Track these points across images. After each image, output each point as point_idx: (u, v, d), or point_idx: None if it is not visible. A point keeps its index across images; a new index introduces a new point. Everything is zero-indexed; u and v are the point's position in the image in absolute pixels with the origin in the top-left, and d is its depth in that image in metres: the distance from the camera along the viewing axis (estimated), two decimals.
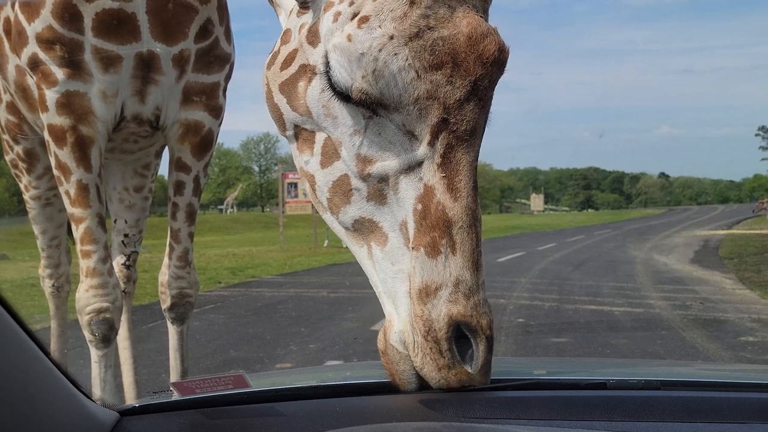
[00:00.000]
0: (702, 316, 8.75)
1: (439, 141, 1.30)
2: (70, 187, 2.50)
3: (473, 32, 1.28)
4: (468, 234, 1.30)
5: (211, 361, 6.36)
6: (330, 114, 1.39)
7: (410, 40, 1.26)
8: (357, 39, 1.29)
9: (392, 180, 1.35)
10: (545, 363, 2.17)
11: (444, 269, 1.29)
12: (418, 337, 1.28)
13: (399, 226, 1.36)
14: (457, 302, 1.27)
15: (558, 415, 1.21)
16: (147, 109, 2.59)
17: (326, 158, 1.43)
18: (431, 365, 1.28)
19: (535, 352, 6.74)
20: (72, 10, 2.36)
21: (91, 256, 2.55)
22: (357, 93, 1.30)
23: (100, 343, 2.58)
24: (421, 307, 1.28)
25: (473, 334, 1.28)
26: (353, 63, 1.29)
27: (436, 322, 1.27)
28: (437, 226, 1.29)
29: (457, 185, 1.30)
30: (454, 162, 1.31)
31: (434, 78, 1.27)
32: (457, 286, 1.28)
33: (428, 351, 1.27)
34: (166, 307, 2.94)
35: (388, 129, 1.34)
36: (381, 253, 1.38)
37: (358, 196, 1.39)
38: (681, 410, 1.22)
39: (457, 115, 1.29)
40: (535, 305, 9.59)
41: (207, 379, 1.25)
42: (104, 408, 1.11)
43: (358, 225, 1.42)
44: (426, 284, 1.29)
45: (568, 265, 16.27)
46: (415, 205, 1.33)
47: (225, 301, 10.40)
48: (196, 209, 2.88)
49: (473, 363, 1.28)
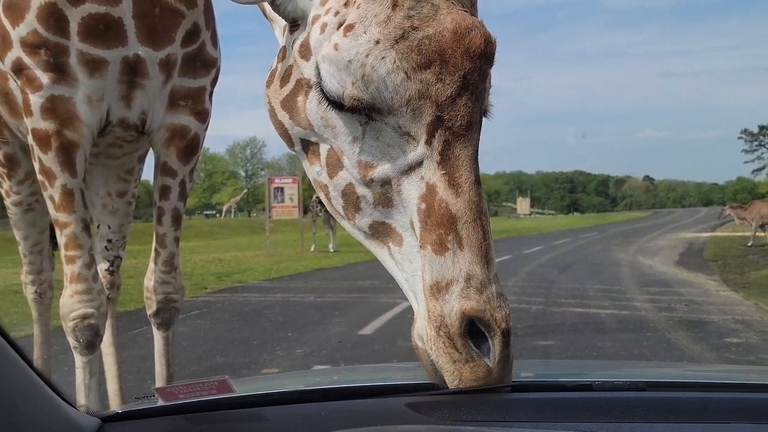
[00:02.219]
0: (687, 318, 8.82)
1: (436, 139, 1.31)
2: (55, 192, 2.48)
3: (458, 27, 1.29)
4: (474, 228, 1.31)
5: (197, 366, 6.31)
6: (329, 124, 1.41)
7: (396, 43, 1.27)
8: (343, 47, 1.31)
9: (395, 182, 1.37)
10: (532, 365, 2.18)
11: (453, 265, 1.29)
12: (431, 332, 1.30)
13: (410, 226, 1.37)
14: (469, 297, 1.27)
15: (544, 417, 1.21)
16: (133, 114, 2.58)
17: (331, 169, 1.45)
18: (445, 359, 1.28)
19: (521, 355, 6.75)
20: (58, 14, 2.34)
21: (76, 261, 2.53)
22: (349, 100, 1.31)
23: (85, 349, 2.56)
24: (434, 303, 1.29)
25: (487, 328, 1.28)
26: (342, 71, 1.31)
27: (448, 318, 1.27)
28: (442, 223, 1.30)
29: (458, 180, 1.31)
30: (453, 158, 1.32)
31: (424, 77, 1.28)
32: (469, 281, 1.28)
33: (441, 346, 1.28)
34: (152, 313, 2.92)
35: (385, 132, 1.35)
36: (399, 253, 1.40)
37: (365, 203, 1.42)
38: (666, 411, 1.23)
39: (450, 111, 1.30)
40: (521, 308, 9.62)
41: (191, 384, 1.24)
42: (86, 414, 1.10)
43: (373, 229, 1.44)
44: (436, 281, 1.30)
45: (555, 268, 16.35)
46: (419, 204, 1.34)
47: (211, 306, 10.33)
48: (181, 214, 2.86)
49: (490, 357, 1.28)
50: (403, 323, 8.56)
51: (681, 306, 9.85)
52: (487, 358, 1.28)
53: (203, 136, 2.82)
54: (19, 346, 0.87)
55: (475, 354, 1.28)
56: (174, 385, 1.26)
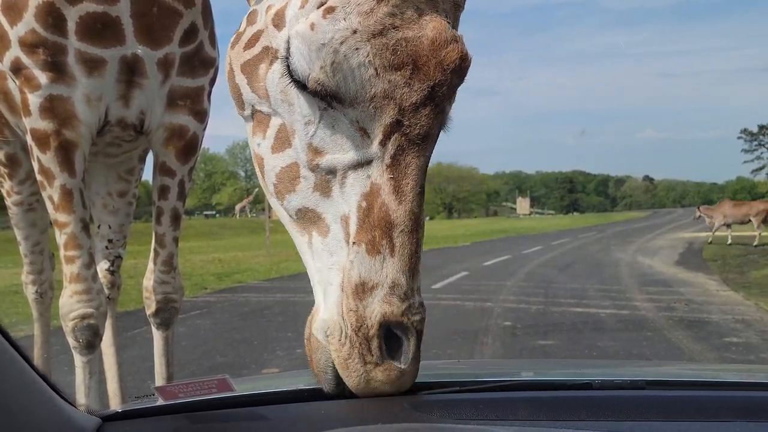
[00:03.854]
0: (687, 318, 8.82)
1: (391, 142, 1.30)
2: (54, 192, 2.48)
3: (437, 37, 1.27)
4: (409, 238, 1.30)
5: (197, 367, 6.31)
6: (287, 100, 1.38)
7: (373, 37, 1.25)
8: (320, 28, 1.27)
9: (340, 174, 1.35)
10: (531, 364, 2.18)
11: (381, 269, 1.29)
12: (348, 330, 1.29)
13: (341, 219, 1.36)
14: (391, 304, 1.27)
15: (544, 416, 1.21)
16: (131, 113, 2.58)
17: (278, 144, 1.43)
18: (358, 360, 1.28)
19: (521, 355, 6.76)
20: (55, 14, 2.34)
21: (75, 261, 2.53)
22: (313, 83, 1.28)
23: (84, 349, 2.56)
24: (356, 303, 1.29)
25: (404, 332, 1.29)
26: (313, 52, 1.28)
27: (369, 320, 1.27)
28: (379, 226, 1.29)
29: (404, 188, 1.30)
30: (403, 165, 1.30)
31: (393, 78, 1.26)
32: (393, 289, 1.28)
33: (357, 345, 1.28)
34: (151, 313, 2.92)
35: (342, 123, 1.33)
36: (321, 244, 1.39)
37: (305, 184, 1.39)
38: (666, 409, 1.23)
39: (411, 118, 1.28)
40: (521, 308, 9.62)
41: (191, 383, 1.24)
42: (86, 414, 1.10)
43: (300, 214, 1.42)
44: (363, 280, 1.29)
45: (554, 268, 16.35)
46: (360, 201, 1.33)
47: (211, 306, 10.34)
48: (180, 213, 2.86)
49: (403, 357, 1.30)
50: None
51: (681, 306, 9.85)
52: (397, 362, 1.29)
53: (202, 136, 2.82)
54: (19, 345, 0.87)
55: (387, 357, 1.29)
56: (174, 384, 1.26)
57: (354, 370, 1.29)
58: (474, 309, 9.69)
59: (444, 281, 13.23)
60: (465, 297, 10.90)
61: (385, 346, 1.29)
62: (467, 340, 7.41)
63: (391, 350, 1.30)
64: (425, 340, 1.38)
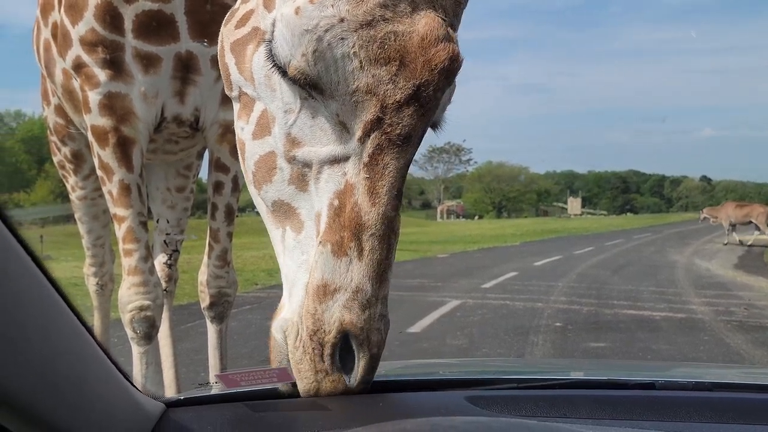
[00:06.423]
0: (747, 322, 8.52)
1: (370, 140, 1.22)
2: (113, 187, 2.55)
3: (428, 34, 1.19)
4: (379, 243, 1.22)
5: (248, 361, 6.41)
6: (270, 85, 1.33)
7: (361, 28, 1.17)
8: (305, 13, 1.19)
9: (315, 168, 1.28)
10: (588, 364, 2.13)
11: (346, 273, 1.21)
12: (303, 334, 1.23)
13: (315, 216, 1.29)
14: (351, 310, 1.20)
15: (606, 414, 1.18)
16: (186, 110, 2.62)
17: (259, 130, 1.37)
18: (308, 365, 1.22)
19: (573, 356, 6.64)
20: (113, 12, 2.40)
21: (133, 254, 2.59)
22: (293, 70, 1.21)
23: (142, 340, 2.62)
24: (315, 305, 1.21)
25: (359, 347, 1.22)
26: (296, 38, 1.20)
27: (327, 325, 1.20)
28: (349, 227, 1.22)
29: (379, 190, 1.22)
30: (381, 165, 1.22)
31: (377, 73, 1.18)
32: (356, 294, 1.20)
33: (310, 351, 1.21)
34: (206, 306, 2.97)
35: (322, 115, 1.26)
36: (294, 240, 1.33)
37: (281, 176, 1.33)
38: (735, 412, 1.18)
39: (393, 117, 1.20)
40: (572, 309, 9.46)
41: (252, 371, 1.25)
42: (151, 399, 1.12)
43: (276, 207, 1.36)
44: (325, 282, 1.22)
45: (607, 269, 16.02)
46: (332, 199, 1.25)
47: (262, 302, 10.48)
48: (234, 209, 2.91)
49: (351, 377, 1.23)
50: (452, 322, 8.52)
51: (740, 310, 9.52)
52: (348, 376, 1.23)
53: None
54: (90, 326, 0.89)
55: (338, 368, 1.22)
56: (236, 372, 1.27)
57: (304, 375, 1.23)
58: (524, 309, 9.57)
59: (493, 281, 13.13)
60: (514, 297, 10.78)
61: (341, 357, 1.22)
62: (517, 340, 7.33)
63: (346, 362, 1.23)
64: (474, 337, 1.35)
